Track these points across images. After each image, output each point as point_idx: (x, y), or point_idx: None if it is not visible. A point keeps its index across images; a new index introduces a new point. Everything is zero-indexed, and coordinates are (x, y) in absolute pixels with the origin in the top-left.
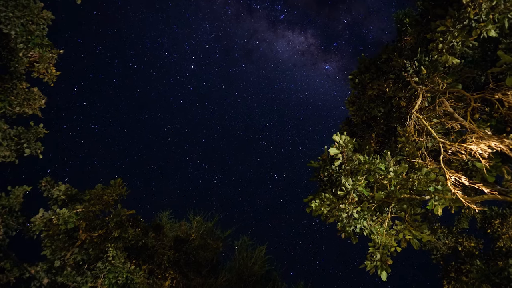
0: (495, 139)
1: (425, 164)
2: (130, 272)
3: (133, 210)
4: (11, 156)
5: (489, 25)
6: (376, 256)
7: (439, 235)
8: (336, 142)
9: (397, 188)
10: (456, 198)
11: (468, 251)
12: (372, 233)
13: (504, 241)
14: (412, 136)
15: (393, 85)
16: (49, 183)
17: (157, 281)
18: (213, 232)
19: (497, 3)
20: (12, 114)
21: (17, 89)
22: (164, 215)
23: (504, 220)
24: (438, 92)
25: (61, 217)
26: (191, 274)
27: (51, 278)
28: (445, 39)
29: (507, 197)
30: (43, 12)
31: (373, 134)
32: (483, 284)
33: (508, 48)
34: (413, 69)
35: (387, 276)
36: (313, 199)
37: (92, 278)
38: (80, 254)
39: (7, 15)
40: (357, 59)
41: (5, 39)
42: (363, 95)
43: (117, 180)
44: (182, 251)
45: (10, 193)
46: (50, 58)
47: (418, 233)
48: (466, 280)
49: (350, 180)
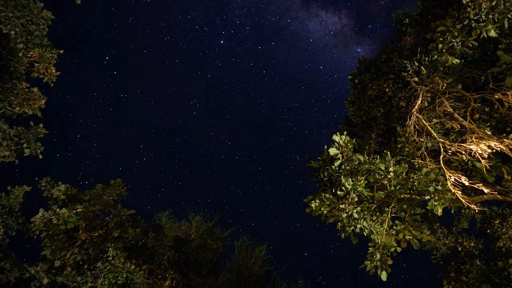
0: (495, 139)
1: (425, 164)
2: (130, 272)
3: (133, 210)
4: (11, 156)
5: (489, 25)
6: (376, 256)
7: (439, 235)
8: (336, 142)
9: (397, 188)
10: (456, 198)
11: (468, 251)
12: (372, 233)
13: (504, 241)
14: (412, 136)
15: (393, 85)
16: (49, 183)
17: (157, 281)
18: (213, 232)
19: (497, 3)
20: (12, 114)
21: (17, 89)
22: (164, 215)
23: (504, 220)
24: (438, 92)
25: (61, 217)
26: (191, 274)
27: (51, 278)
28: (445, 39)
29: (507, 197)
30: (43, 12)
31: (373, 134)
32: (483, 284)
33: (508, 48)
34: (413, 69)
35: (386, 276)
36: (313, 199)
37: (92, 278)
38: (80, 254)
39: (7, 15)
40: (357, 59)
41: (5, 39)
42: (363, 95)
43: (117, 180)
44: (182, 251)
45: (10, 193)
46: (50, 58)
47: (418, 233)
48: (466, 280)
49: (350, 180)
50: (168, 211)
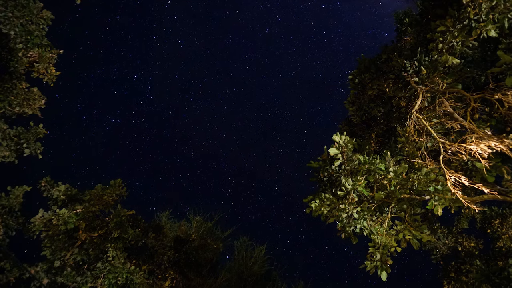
0: (495, 139)
1: (425, 164)
2: (130, 273)
3: (133, 210)
4: (11, 156)
5: (489, 25)
6: (376, 256)
7: (439, 235)
8: (336, 142)
9: (397, 188)
10: (456, 198)
11: (468, 251)
12: (372, 233)
13: (504, 241)
14: (412, 136)
15: (393, 85)
16: (48, 183)
17: (157, 282)
18: (213, 232)
19: (497, 3)
20: (12, 114)
21: (16, 89)
22: (164, 215)
23: (504, 220)
24: (438, 92)
25: (60, 217)
26: (191, 274)
27: (51, 278)
28: (445, 39)
29: (507, 197)
30: (43, 12)
31: (373, 134)
32: (483, 284)
33: (508, 48)
34: (413, 69)
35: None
36: (313, 199)
37: (92, 278)
38: (80, 254)
39: (7, 15)
40: (357, 59)
41: (5, 39)
42: (363, 95)
43: (117, 180)
44: (182, 251)
45: (10, 193)
46: (50, 58)
47: (418, 233)
48: (466, 280)
49: (350, 180)
50: (168, 211)
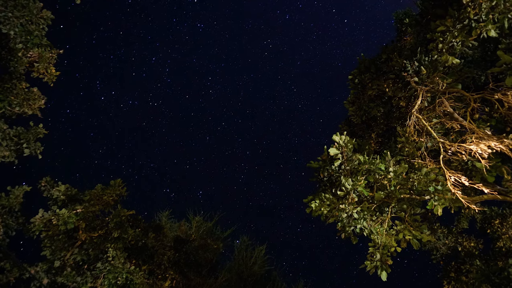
0: (495, 139)
1: (425, 164)
2: (130, 273)
3: (133, 210)
4: (11, 156)
5: (489, 25)
6: (376, 256)
7: (439, 235)
8: (336, 142)
9: (397, 188)
10: (456, 198)
11: (468, 251)
12: (372, 233)
13: (504, 241)
14: (412, 136)
15: (393, 85)
16: (48, 183)
17: (157, 282)
18: (213, 232)
19: (497, 3)
20: (11, 114)
21: (16, 89)
22: (164, 215)
23: (504, 220)
24: (438, 92)
25: (60, 217)
26: (191, 274)
27: (51, 279)
28: (445, 39)
29: (507, 197)
30: (43, 12)
31: (373, 134)
32: (483, 284)
33: (508, 48)
34: (413, 69)
35: (386, 276)
36: (313, 199)
37: (92, 278)
38: (80, 254)
39: (6, 15)
40: (357, 59)
41: (4, 39)
42: (363, 95)
43: (117, 180)
44: (182, 251)
45: (10, 193)
46: (50, 58)
47: (418, 233)
48: (466, 280)
49: (350, 180)
50: (168, 211)
